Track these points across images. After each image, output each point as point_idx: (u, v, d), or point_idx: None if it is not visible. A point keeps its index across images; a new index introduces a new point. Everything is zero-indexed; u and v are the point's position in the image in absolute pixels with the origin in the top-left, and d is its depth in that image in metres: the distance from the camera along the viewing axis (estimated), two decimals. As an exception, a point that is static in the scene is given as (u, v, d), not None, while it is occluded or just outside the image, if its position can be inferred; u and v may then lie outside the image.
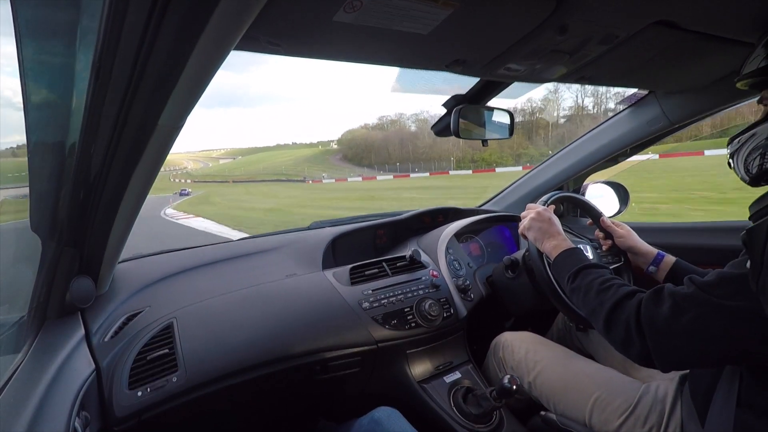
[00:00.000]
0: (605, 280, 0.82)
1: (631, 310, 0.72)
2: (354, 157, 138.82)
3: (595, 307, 0.80)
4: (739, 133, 0.78)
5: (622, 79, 1.16)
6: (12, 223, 0.99)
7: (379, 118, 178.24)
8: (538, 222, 1.05)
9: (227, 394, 0.94)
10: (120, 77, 0.52)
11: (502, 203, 1.96)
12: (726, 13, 0.77)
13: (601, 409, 0.92)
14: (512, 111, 1.26)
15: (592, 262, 0.89)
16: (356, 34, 0.67)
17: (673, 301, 0.68)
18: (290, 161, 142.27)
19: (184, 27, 0.45)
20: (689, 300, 0.67)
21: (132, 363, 0.90)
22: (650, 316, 0.70)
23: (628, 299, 0.75)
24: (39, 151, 0.70)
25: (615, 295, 0.77)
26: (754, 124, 0.75)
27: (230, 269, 1.30)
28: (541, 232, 1.03)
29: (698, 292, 0.67)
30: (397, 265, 1.34)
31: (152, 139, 0.63)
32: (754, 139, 0.74)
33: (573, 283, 0.87)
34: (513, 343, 1.17)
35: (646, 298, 0.72)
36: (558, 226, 1.04)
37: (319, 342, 1.06)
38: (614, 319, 0.75)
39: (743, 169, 0.77)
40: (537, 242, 1.04)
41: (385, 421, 0.90)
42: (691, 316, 0.66)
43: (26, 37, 0.54)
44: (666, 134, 1.51)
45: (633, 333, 0.71)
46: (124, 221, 0.85)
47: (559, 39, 0.78)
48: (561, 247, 0.97)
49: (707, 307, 0.65)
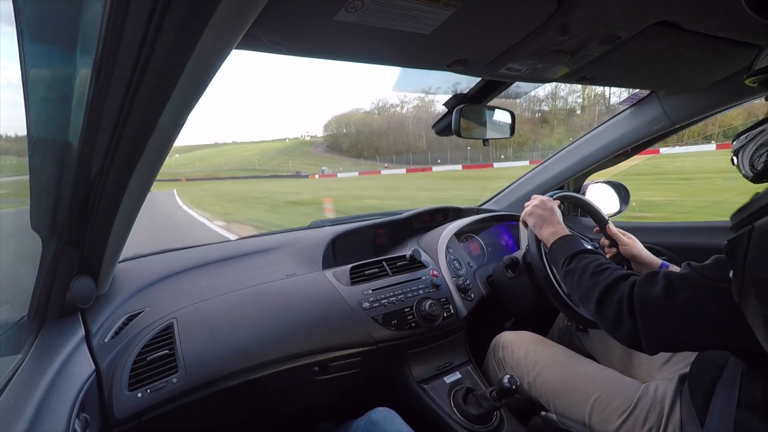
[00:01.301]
0: (600, 263, 0.82)
1: (624, 291, 0.72)
2: (349, 148, 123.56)
3: (588, 287, 0.79)
4: (746, 130, 0.77)
5: (624, 80, 1.15)
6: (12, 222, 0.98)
7: (375, 102, 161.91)
8: (540, 209, 1.07)
9: (227, 395, 0.94)
10: (121, 76, 0.51)
11: (502, 202, 1.95)
12: (727, 13, 0.77)
13: (601, 409, 0.93)
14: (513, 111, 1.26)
15: (588, 248, 0.89)
16: (358, 33, 0.67)
17: (667, 281, 0.68)
18: (257, 154, 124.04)
19: (186, 26, 0.45)
20: (683, 281, 0.67)
21: (132, 364, 0.89)
22: (643, 295, 0.69)
23: (623, 281, 0.75)
24: (39, 149, 0.70)
25: (609, 277, 0.77)
26: (762, 121, 0.75)
27: (230, 269, 1.30)
28: (541, 219, 1.05)
29: (693, 274, 0.66)
30: (398, 264, 1.33)
31: (153, 138, 0.63)
32: (762, 136, 0.74)
33: (568, 266, 0.87)
34: (513, 343, 1.17)
35: (640, 280, 0.72)
36: (558, 216, 1.05)
37: (319, 342, 1.06)
38: (606, 299, 0.75)
39: (748, 165, 0.77)
40: (536, 228, 1.06)
41: (381, 421, 0.89)
42: (684, 296, 0.65)
43: (28, 36, 0.54)
44: (667, 134, 1.51)
45: (624, 313, 0.71)
46: (124, 220, 0.85)
47: (561, 39, 0.78)
48: (558, 233, 0.98)
49: (700, 289, 0.64)
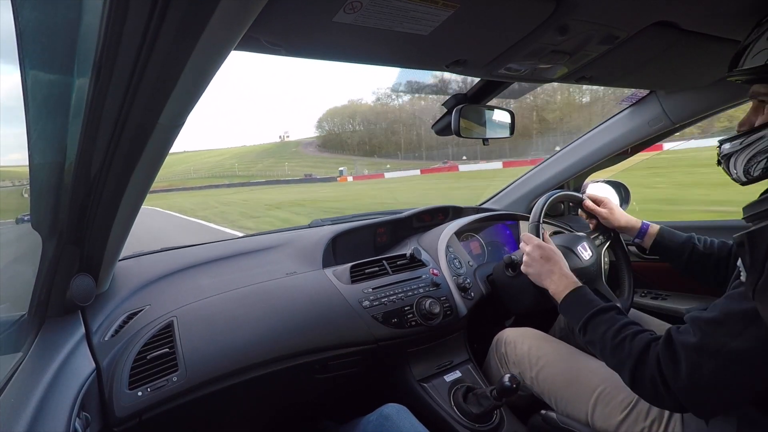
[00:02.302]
0: (616, 332, 0.80)
1: (652, 368, 0.72)
2: (358, 144, 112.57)
3: (616, 364, 0.80)
4: (742, 134, 0.76)
5: (623, 79, 1.16)
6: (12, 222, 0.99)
7: (376, 92, 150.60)
8: (538, 256, 1.01)
9: (227, 394, 0.94)
10: (120, 76, 0.52)
11: (502, 201, 1.96)
12: (726, 13, 0.77)
13: (605, 404, 0.93)
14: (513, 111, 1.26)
15: (597, 307, 0.86)
16: (357, 34, 0.67)
17: (687, 355, 0.68)
18: (229, 159, 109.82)
19: (185, 27, 0.45)
20: (702, 352, 0.67)
21: (132, 362, 0.90)
22: (672, 374, 0.69)
23: (645, 354, 0.74)
24: (39, 149, 0.70)
25: (631, 354, 0.76)
26: (761, 126, 0.73)
27: (230, 267, 1.30)
28: (543, 269, 1.00)
29: (707, 340, 0.66)
30: (398, 263, 1.34)
31: (152, 138, 0.63)
32: (761, 142, 0.73)
33: (585, 337, 0.86)
34: (516, 339, 1.18)
35: (662, 356, 0.71)
36: (559, 258, 1.00)
37: (319, 341, 1.06)
38: (638, 379, 0.75)
39: (742, 171, 0.76)
40: (539, 281, 1.01)
41: (394, 416, 0.91)
42: (710, 369, 0.66)
43: (27, 36, 0.55)
44: (667, 134, 1.52)
45: (661, 390, 0.71)
46: (124, 220, 0.85)
47: (560, 39, 0.78)
48: (562, 289, 0.94)
49: (722, 358, 0.65)
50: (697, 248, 1.08)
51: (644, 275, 1.61)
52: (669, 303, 1.52)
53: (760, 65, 0.70)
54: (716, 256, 1.06)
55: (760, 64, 0.70)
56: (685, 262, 1.09)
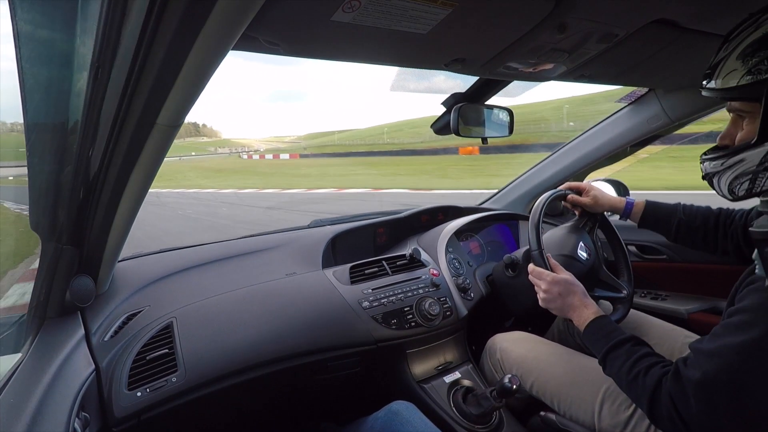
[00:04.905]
0: (630, 368, 0.80)
1: (668, 407, 0.72)
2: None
3: (634, 400, 0.82)
4: (723, 154, 0.74)
5: (622, 77, 1.16)
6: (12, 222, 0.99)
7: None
8: (558, 291, 0.98)
9: (227, 395, 0.94)
10: (118, 76, 0.52)
11: (502, 201, 1.96)
12: (725, 10, 0.77)
13: (612, 400, 0.93)
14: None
15: (613, 341, 0.86)
16: (355, 33, 0.67)
17: (695, 392, 0.69)
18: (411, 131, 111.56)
19: (183, 27, 0.45)
20: (711, 390, 0.67)
21: (131, 363, 0.90)
22: (688, 414, 0.70)
23: (658, 392, 0.75)
24: (38, 149, 0.70)
25: (645, 391, 0.76)
26: (742, 148, 0.71)
27: (230, 268, 1.30)
28: (562, 307, 0.98)
29: (710, 376, 0.67)
30: (397, 263, 1.33)
31: (151, 138, 0.63)
32: (741, 165, 0.71)
33: (606, 370, 0.87)
34: (510, 344, 1.17)
35: (673, 393, 0.72)
36: (572, 288, 0.98)
37: (318, 341, 1.06)
38: (657, 416, 0.75)
39: (727, 189, 0.75)
40: (561, 316, 1.00)
41: (404, 411, 0.91)
42: (723, 407, 0.66)
43: (25, 37, 0.54)
44: (666, 132, 1.52)
45: (680, 426, 0.71)
46: (123, 220, 0.85)
47: (559, 37, 0.78)
48: (583, 321, 0.93)
49: (732, 394, 0.66)
50: (686, 212, 1.10)
51: (644, 275, 1.61)
52: (669, 303, 1.52)
53: (732, 86, 0.69)
54: (702, 219, 1.08)
55: (732, 85, 0.69)
56: (675, 229, 1.11)
